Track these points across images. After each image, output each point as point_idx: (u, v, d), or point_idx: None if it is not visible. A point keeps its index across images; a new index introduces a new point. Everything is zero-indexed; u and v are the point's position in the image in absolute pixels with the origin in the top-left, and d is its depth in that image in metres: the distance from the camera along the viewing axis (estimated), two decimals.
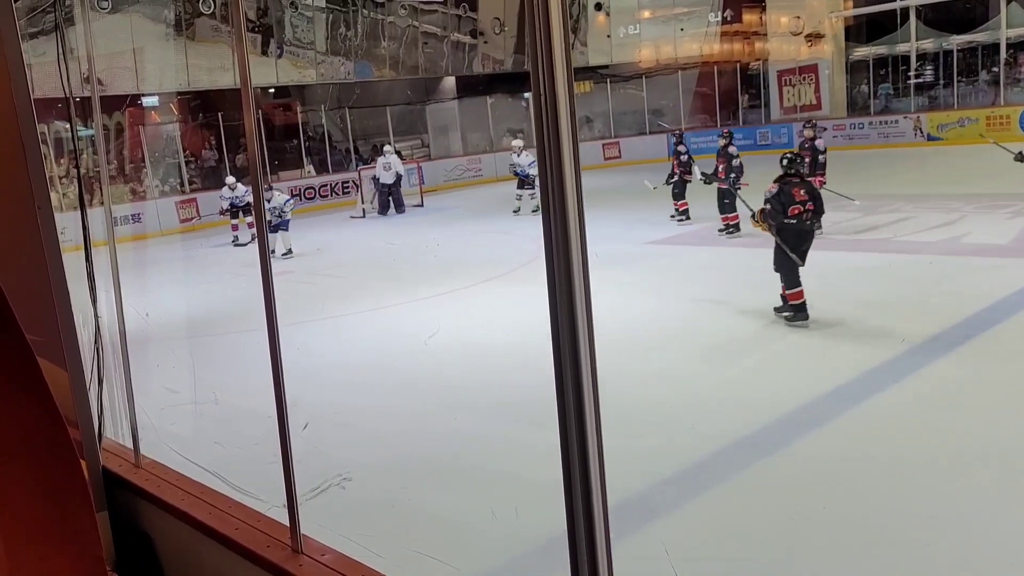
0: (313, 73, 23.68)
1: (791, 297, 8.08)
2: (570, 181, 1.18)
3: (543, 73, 1.17)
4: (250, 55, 2.26)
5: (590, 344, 1.21)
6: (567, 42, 1.18)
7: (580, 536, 1.22)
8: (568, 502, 1.22)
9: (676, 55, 27.76)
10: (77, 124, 3.50)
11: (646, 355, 7.44)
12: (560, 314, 1.20)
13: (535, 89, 1.18)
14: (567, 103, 1.18)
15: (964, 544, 4.13)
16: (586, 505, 1.22)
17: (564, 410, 1.21)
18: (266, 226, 2.65)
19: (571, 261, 1.19)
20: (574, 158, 1.18)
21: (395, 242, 15.85)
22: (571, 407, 1.21)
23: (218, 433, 6.52)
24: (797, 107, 26.98)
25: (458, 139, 27.12)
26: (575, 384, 1.21)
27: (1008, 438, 5.21)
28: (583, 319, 1.20)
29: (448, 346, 8.34)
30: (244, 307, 10.39)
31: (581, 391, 1.21)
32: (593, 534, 1.22)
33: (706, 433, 5.66)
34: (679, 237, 13.16)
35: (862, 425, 5.58)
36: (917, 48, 25.06)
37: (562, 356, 1.20)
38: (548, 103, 1.17)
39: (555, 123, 1.17)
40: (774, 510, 4.64)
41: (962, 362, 6.61)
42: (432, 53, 25.76)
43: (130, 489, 2.89)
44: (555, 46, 1.17)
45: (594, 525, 1.22)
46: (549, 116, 1.18)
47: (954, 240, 10.88)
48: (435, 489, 5.27)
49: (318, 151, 24.37)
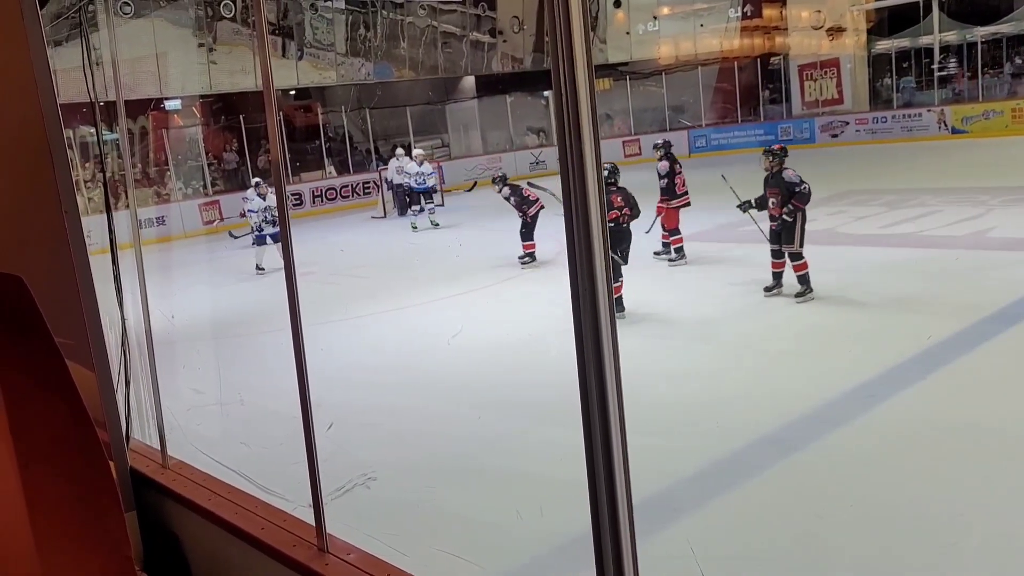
0: (333, 74, 23.77)
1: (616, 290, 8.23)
2: (591, 179, 1.18)
3: (564, 71, 1.17)
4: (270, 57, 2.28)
5: (613, 342, 1.21)
6: (588, 39, 1.17)
7: (605, 535, 1.22)
8: (593, 501, 1.22)
9: (696, 51, 27.60)
10: (102, 128, 3.54)
11: (669, 352, 7.42)
12: (583, 312, 1.20)
13: (556, 87, 1.18)
14: (588, 100, 1.18)
15: (991, 543, 4.09)
16: (611, 504, 1.22)
17: (588, 409, 1.21)
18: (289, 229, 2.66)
19: (593, 258, 1.19)
20: (595, 156, 1.18)
21: (416, 242, 15.88)
22: (595, 406, 1.21)
23: (244, 433, 6.57)
24: (819, 101, 26.77)
25: (478, 138, 27.12)
26: (599, 383, 1.20)
27: None
28: (606, 317, 1.20)
29: (471, 345, 8.35)
30: (268, 308, 10.45)
31: (605, 390, 1.21)
32: (618, 533, 1.22)
33: (730, 430, 5.64)
34: (701, 234, 13.09)
35: (888, 422, 5.53)
36: (940, 40, 24.79)
37: (585, 354, 1.20)
38: (569, 101, 1.17)
39: (576, 121, 1.17)
40: (800, 508, 4.61)
41: (989, 357, 6.53)
42: (451, 53, 25.78)
43: (158, 489, 2.92)
44: (576, 43, 1.16)
45: (619, 524, 1.22)
46: (570, 114, 1.17)
47: (980, 234, 10.76)
48: (460, 488, 5.28)
49: (339, 152, 24.46)
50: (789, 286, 8.83)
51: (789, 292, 8.77)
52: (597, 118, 1.19)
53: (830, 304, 8.44)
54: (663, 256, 11.46)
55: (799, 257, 8.72)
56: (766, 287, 8.99)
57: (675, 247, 11.48)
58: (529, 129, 27.17)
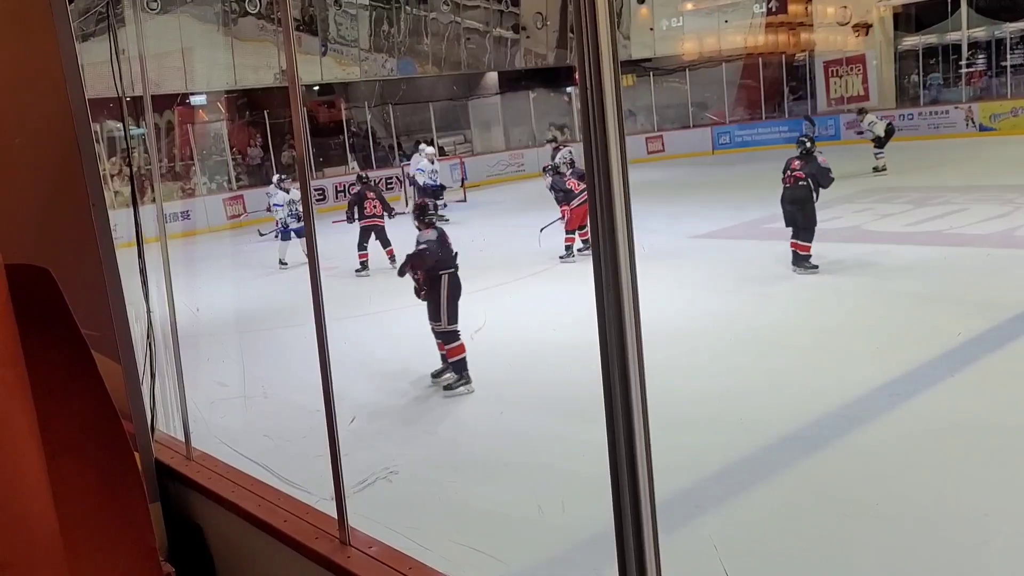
0: (357, 70, 23.86)
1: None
2: (617, 175, 1.17)
3: (590, 67, 1.16)
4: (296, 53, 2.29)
5: (637, 338, 1.20)
6: (614, 35, 1.17)
7: (627, 531, 1.22)
8: (615, 497, 1.22)
9: (720, 47, 27.44)
10: (129, 123, 3.57)
11: (692, 348, 7.38)
12: (607, 308, 1.19)
13: (582, 83, 1.18)
14: (614, 97, 1.17)
15: (1017, 543, 4.04)
16: (633, 500, 1.21)
17: (611, 405, 1.21)
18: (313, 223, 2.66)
19: (618, 255, 1.18)
20: (621, 153, 1.18)
21: None
22: (618, 402, 1.20)
23: (267, 426, 6.62)
24: (844, 98, 26.52)
25: (500, 134, 27.13)
26: (622, 378, 1.20)
27: None
28: (630, 313, 1.19)
29: (494, 341, 8.36)
30: (292, 302, 10.51)
31: (628, 385, 1.20)
32: (640, 529, 1.21)
33: (754, 427, 5.61)
34: (724, 231, 13.04)
35: (913, 420, 5.48)
36: (968, 36, 24.49)
37: (609, 350, 1.20)
38: (594, 97, 1.17)
39: (602, 117, 1.17)
40: (824, 506, 4.58)
41: (1016, 356, 6.46)
42: (474, 49, 25.80)
43: (182, 481, 2.94)
44: (601, 40, 1.16)
45: (641, 520, 1.21)
46: (596, 110, 1.17)
47: (1008, 232, 10.63)
48: (482, 483, 5.29)
49: (362, 147, 24.53)
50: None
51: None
52: (623, 115, 1.19)
53: (856, 301, 8.38)
54: (585, 251, 11.60)
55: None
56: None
57: (582, 239, 11.87)
58: (552, 125, 27.13)
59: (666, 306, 8.51)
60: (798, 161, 9.86)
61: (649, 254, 10.93)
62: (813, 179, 9.62)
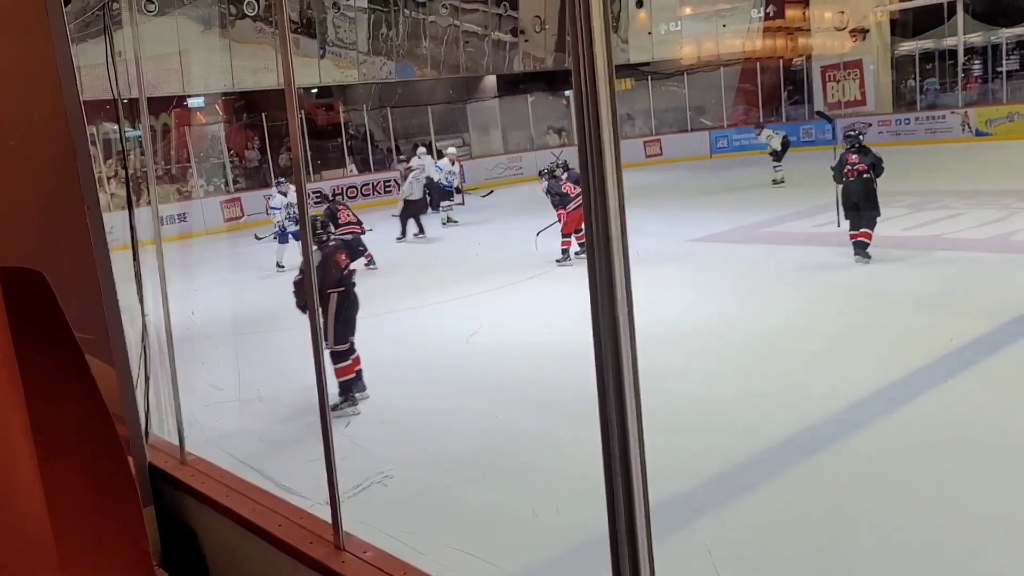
0: (355, 73, 23.86)
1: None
2: (611, 178, 1.17)
3: (584, 70, 1.16)
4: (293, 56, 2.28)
5: (631, 341, 1.20)
6: (608, 39, 1.17)
7: (621, 535, 1.21)
8: (609, 501, 1.21)
9: (718, 51, 27.50)
10: (125, 125, 3.56)
11: (689, 352, 7.38)
12: (601, 311, 1.19)
13: (576, 87, 1.18)
14: (608, 100, 1.17)
15: (1015, 547, 4.04)
16: (627, 504, 1.21)
17: (605, 408, 1.20)
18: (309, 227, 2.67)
19: (612, 258, 1.18)
20: (615, 157, 1.18)
21: (436, 241, 15.91)
22: (612, 404, 1.20)
23: (262, 430, 6.60)
24: (841, 103, 26.56)
25: (499, 137, 27.14)
26: (616, 381, 1.20)
27: None
28: (624, 316, 1.19)
29: (490, 343, 8.36)
30: (288, 305, 10.46)
31: (622, 388, 1.20)
32: (635, 533, 1.21)
33: (749, 431, 5.61)
34: (723, 234, 13.04)
35: (911, 425, 5.48)
36: (965, 42, 24.55)
37: (603, 353, 1.20)
38: (589, 100, 1.17)
39: (596, 120, 1.17)
40: (819, 511, 4.58)
41: (1013, 361, 6.46)
42: (473, 52, 25.82)
43: (176, 485, 2.93)
44: (596, 43, 1.16)
45: (635, 524, 1.21)
46: (590, 113, 1.17)
47: (1005, 237, 10.65)
48: (477, 487, 5.28)
49: (360, 150, 24.54)
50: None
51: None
52: (617, 118, 1.18)
53: (853, 306, 8.39)
54: (581, 255, 11.53)
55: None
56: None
57: (579, 242, 11.78)
58: (550, 128, 27.15)
59: (664, 310, 8.51)
60: (855, 155, 10.18)
61: (647, 258, 10.94)
62: (872, 169, 10.02)
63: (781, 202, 15.45)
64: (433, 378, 7.53)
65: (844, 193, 10.30)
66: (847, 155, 10.23)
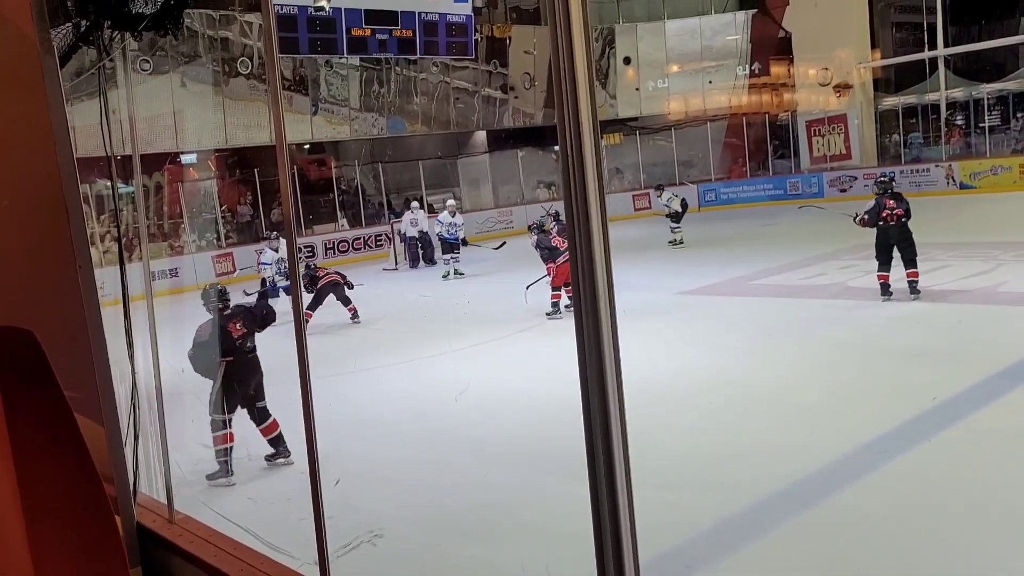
0: (347, 129, 24.10)
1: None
2: (597, 231, 1.19)
3: (569, 125, 1.19)
4: (285, 112, 2.32)
5: (619, 396, 1.21)
6: (593, 93, 1.20)
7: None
8: (599, 558, 1.21)
9: (705, 107, 27.95)
10: (117, 182, 3.59)
11: (680, 406, 7.37)
12: (589, 365, 1.20)
13: (562, 140, 1.20)
14: (593, 155, 1.19)
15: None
16: (617, 562, 1.20)
17: (594, 463, 1.21)
18: (299, 281, 2.68)
19: (599, 312, 1.19)
20: (601, 208, 1.20)
21: (427, 294, 15.92)
22: (601, 460, 1.21)
23: (251, 488, 6.54)
24: (827, 156, 26.94)
25: (489, 192, 27.35)
26: (604, 436, 1.20)
27: None
28: (612, 371, 1.20)
29: (481, 398, 8.32)
30: (278, 360, 10.39)
31: (611, 443, 1.20)
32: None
33: (740, 486, 5.57)
34: (712, 287, 13.10)
35: (900, 478, 5.46)
36: (947, 97, 25.01)
37: (591, 408, 1.20)
38: (575, 154, 1.19)
39: (582, 173, 1.19)
40: (812, 565, 4.54)
41: (1000, 414, 6.47)
42: (464, 108, 26.14)
43: (164, 545, 2.90)
44: (581, 98, 1.19)
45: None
46: (576, 168, 1.19)
47: (991, 289, 10.73)
48: (466, 544, 5.22)
49: (352, 205, 24.68)
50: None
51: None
52: (603, 169, 1.21)
53: (841, 359, 8.40)
54: (572, 307, 11.54)
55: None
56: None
57: (568, 296, 11.77)
58: (540, 183, 27.39)
59: (653, 363, 8.51)
60: (892, 200, 10.67)
61: (636, 310, 10.97)
62: (907, 214, 10.62)
63: (770, 255, 15.55)
64: (422, 434, 7.48)
65: (882, 237, 10.71)
66: (884, 200, 10.69)
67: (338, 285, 13.25)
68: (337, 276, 13.39)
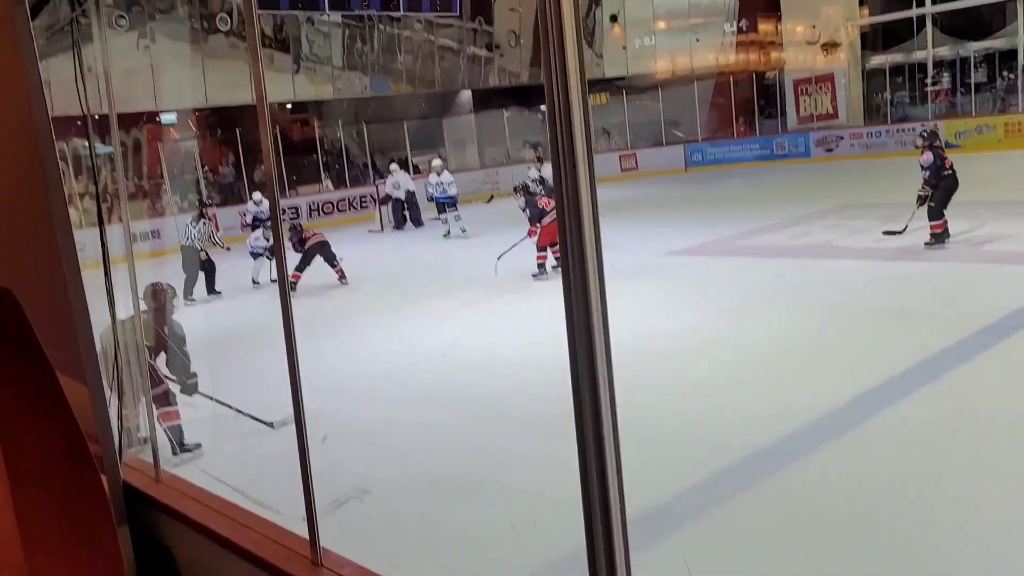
0: (330, 88, 23.83)
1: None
2: (585, 192, 1.18)
3: (557, 84, 1.17)
4: (266, 71, 2.28)
5: (607, 356, 1.20)
6: (581, 52, 1.17)
7: (599, 550, 1.21)
8: (586, 515, 1.21)
9: (692, 65, 27.77)
10: (95, 142, 3.53)
11: (667, 366, 7.41)
12: (576, 326, 1.20)
13: (549, 101, 1.18)
14: (581, 115, 1.18)
15: (986, 551, 4.08)
16: (604, 518, 1.21)
17: (581, 423, 1.20)
18: (283, 242, 2.65)
19: (587, 272, 1.18)
20: (589, 168, 1.18)
21: (413, 255, 15.89)
22: (588, 419, 1.20)
23: (238, 447, 6.55)
24: (814, 116, 26.89)
25: (475, 152, 27.19)
26: (592, 395, 1.20)
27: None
28: (599, 331, 1.19)
29: (466, 359, 8.34)
30: (263, 321, 10.44)
31: (598, 403, 1.20)
32: (612, 547, 1.21)
33: (727, 444, 5.63)
34: (698, 247, 13.12)
35: (884, 435, 5.52)
36: (934, 55, 24.94)
37: (579, 368, 1.20)
38: (562, 115, 1.17)
39: (569, 135, 1.17)
40: (797, 521, 4.59)
41: (984, 370, 6.54)
42: (448, 67, 25.87)
43: (151, 503, 2.90)
44: (569, 58, 1.16)
45: (613, 539, 1.21)
46: (563, 128, 1.17)
47: (975, 247, 10.80)
48: (454, 503, 5.26)
49: (336, 166, 24.50)
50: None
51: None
52: (591, 132, 1.19)
53: (826, 318, 8.45)
54: (558, 268, 11.60)
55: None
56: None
57: (555, 256, 11.76)
58: (526, 143, 27.25)
59: (640, 323, 8.54)
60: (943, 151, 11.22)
61: (623, 271, 10.97)
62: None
63: (756, 215, 15.57)
64: (409, 394, 7.50)
65: (950, 188, 11.16)
66: (938, 151, 11.29)
67: (325, 246, 13.22)
68: (324, 237, 13.39)
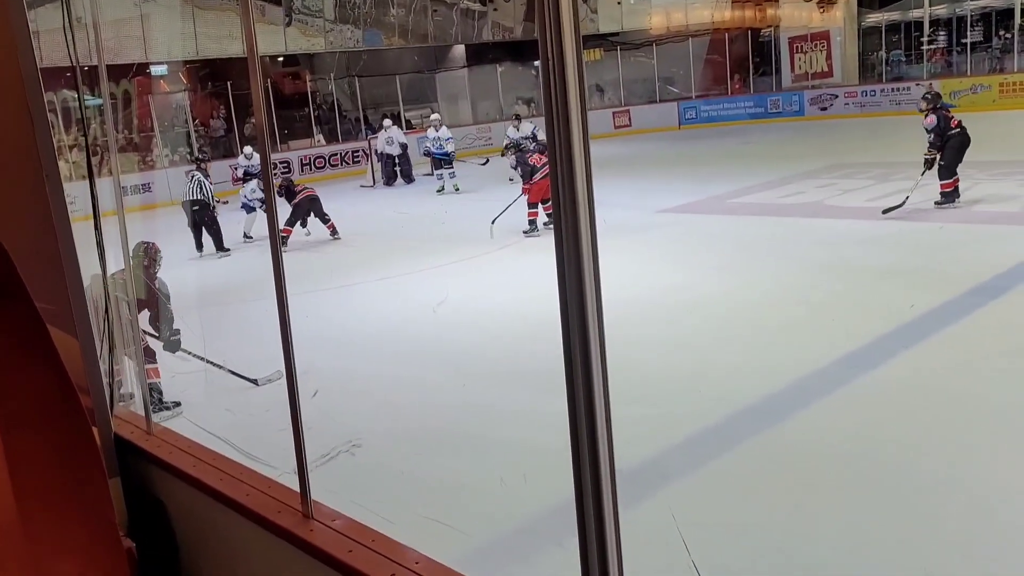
0: (322, 41, 23.53)
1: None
2: (578, 149, 1.17)
3: (551, 39, 1.16)
4: (257, 23, 2.25)
5: (598, 311, 1.20)
6: (576, 6, 1.16)
7: (588, 502, 1.23)
8: (576, 467, 1.22)
9: (687, 22, 27.48)
10: (84, 93, 3.48)
11: (657, 323, 7.44)
12: (568, 282, 1.20)
13: (543, 56, 1.17)
14: (575, 71, 1.16)
15: (973, 509, 4.14)
16: (593, 471, 1.22)
17: (572, 376, 1.21)
18: (274, 196, 2.64)
19: (579, 229, 1.18)
20: (582, 125, 1.17)
21: (405, 211, 15.83)
22: (579, 373, 1.21)
23: (229, 400, 6.57)
24: (808, 74, 26.71)
25: (468, 108, 26.97)
26: (583, 350, 1.20)
27: (1019, 403, 5.20)
28: (591, 287, 1.20)
29: (458, 315, 8.37)
30: (255, 275, 10.43)
31: (589, 357, 1.20)
32: (600, 500, 1.22)
33: (716, 399, 5.68)
34: (691, 205, 13.10)
35: (872, 391, 5.58)
36: (930, 14, 24.72)
37: (570, 323, 1.20)
38: (556, 71, 1.16)
39: (563, 91, 1.16)
40: (783, 476, 4.65)
41: (972, 329, 6.59)
42: (442, 21, 25.54)
43: (142, 456, 2.91)
44: (563, 13, 1.15)
45: (601, 491, 1.22)
46: (557, 84, 1.16)
47: (967, 207, 10.81)
48: (444, 456, 5.31)
49: (327, 120, 24.28)
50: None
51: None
52: (585, 88, 1.18)
53: (817, 277, 8.48)
54: (550, 224, 11.60)
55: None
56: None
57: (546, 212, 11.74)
58: (519, 99, 27.02)
59: (631, 280, 8.56)
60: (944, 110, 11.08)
61: (616, 228, 10.97)
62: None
63: (749, 173, 15.53)
64: (400, 349, 7.53)
65: (961, 145, 10.88)
66: (943, 112, 10.97)
67: (315, 200, 13.16)
68: (314, 192, 13.33)
